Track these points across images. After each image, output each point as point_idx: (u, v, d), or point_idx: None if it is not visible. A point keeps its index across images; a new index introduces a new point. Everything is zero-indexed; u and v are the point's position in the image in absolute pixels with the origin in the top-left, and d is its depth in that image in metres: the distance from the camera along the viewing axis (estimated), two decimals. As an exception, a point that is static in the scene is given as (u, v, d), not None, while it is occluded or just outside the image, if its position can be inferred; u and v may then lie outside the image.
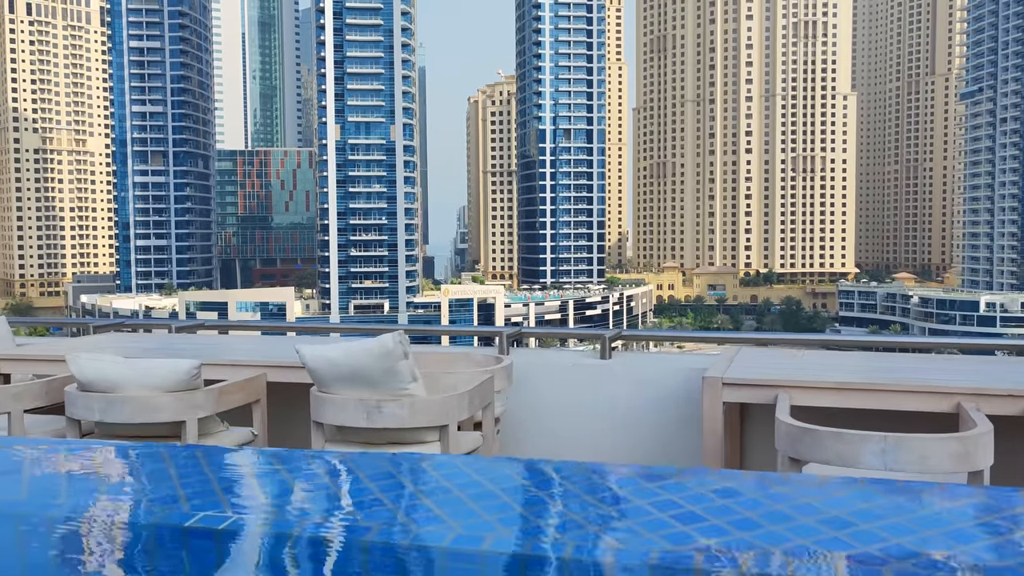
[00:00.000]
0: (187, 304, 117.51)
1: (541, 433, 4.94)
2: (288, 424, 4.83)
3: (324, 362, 3.69)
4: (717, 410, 3.71)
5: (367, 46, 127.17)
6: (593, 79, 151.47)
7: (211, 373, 4.37)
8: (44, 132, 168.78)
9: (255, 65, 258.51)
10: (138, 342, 5.61)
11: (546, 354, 5.45)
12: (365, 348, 3.63)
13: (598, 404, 4.85)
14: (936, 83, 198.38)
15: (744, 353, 4.56)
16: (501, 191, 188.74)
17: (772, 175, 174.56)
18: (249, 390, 4.29)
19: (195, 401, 3.90)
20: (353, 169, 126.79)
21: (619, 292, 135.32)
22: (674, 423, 4.68)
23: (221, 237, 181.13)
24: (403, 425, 3.64)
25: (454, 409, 3.72)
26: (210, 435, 4.14)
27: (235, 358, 4.67)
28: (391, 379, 3.64)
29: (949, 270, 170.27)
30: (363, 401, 3.61)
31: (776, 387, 3.70)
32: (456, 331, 7.42)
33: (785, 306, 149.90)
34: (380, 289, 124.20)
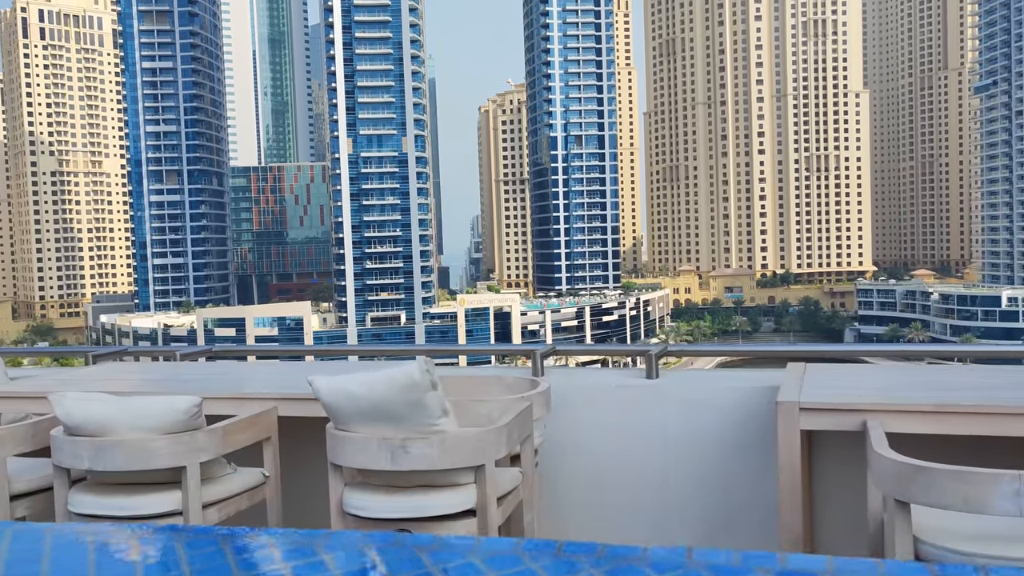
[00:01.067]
0: (205, 321, 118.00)
1: (583, 465, 4.44)
2: (304, 462, 4.34)
3: (341, 396, 3.26)
4: (794, 440, 3.24)
5: (377, 59, 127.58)
6: (603, 84, 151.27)
7: (216, 408, 3.98)
8: (60, 155, 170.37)
9: (266, 82, 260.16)
10: (140, 372, 5.21)
11: (585, 375, 4.87)
12: (388, 379, 3.18)
13: (647, 430, 4.34)
14: (949, 77, 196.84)
15: (813, 370, 4.01)
16: (514, 199, 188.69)
17: (786, 175, 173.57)
18: (259, 427, 3.87)
19: (196, 444, 3.47)
20: (366, 182, 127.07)
21: (635, 297, 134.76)
22: (735, 450, 4.19)
23: (237, 253, 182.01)
24: (433, 467, 3.19)
25: (491, 446, 3.27)
26: (215, 479, 3.70)
27: (243, 390, 4.24)
28: (418, 414, 3.19)
29: (969, 265, 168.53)
30: (387, 440, 3.17)
31: (863, 411, 3.21)
32: (486, 350, 6.89)
33: (803, 306, 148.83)
34: (396, 301, 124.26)
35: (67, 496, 3.53)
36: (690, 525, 4.23)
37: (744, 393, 4.15)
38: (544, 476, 4.30)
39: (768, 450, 3.85)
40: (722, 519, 4.19)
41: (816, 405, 3.26)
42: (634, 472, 4.33)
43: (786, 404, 3.25)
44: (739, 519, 4.15)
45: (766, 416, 3.95)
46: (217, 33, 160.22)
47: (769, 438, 3.84)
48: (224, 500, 3.63)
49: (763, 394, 4.04)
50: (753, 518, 4.08)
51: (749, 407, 4.11)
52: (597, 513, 4.37)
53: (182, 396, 3.50)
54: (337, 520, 3.31)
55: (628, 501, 4.31)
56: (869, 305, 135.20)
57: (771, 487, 3.85)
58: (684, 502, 4.24)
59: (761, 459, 4.01)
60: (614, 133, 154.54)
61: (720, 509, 4.19)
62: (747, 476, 4.13)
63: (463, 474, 3.27)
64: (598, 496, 4.35)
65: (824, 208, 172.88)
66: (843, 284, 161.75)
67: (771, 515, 3.83)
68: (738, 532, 4.14)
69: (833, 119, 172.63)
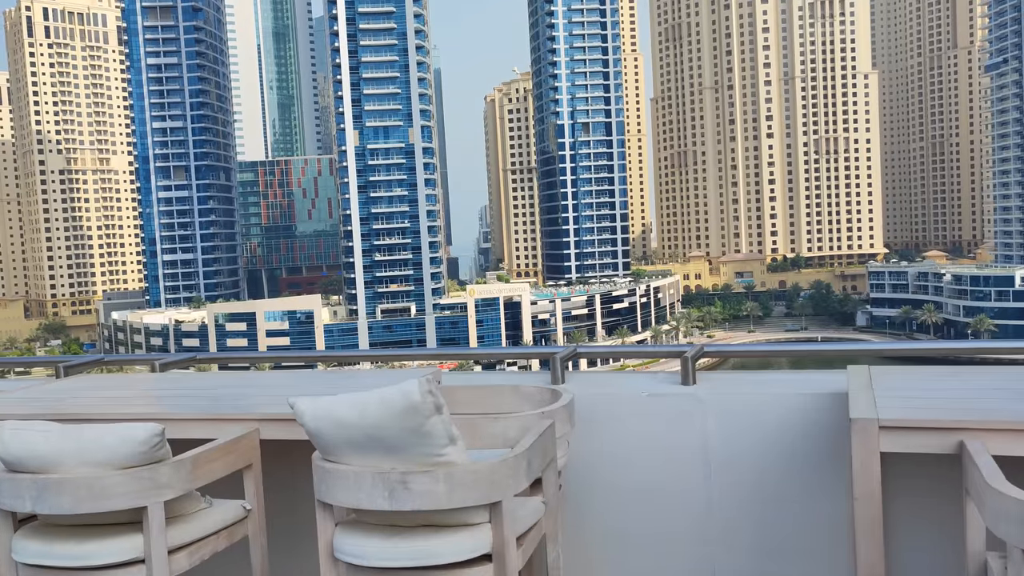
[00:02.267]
0: (216, 316, 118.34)
1: (612, 487, 3.87)
2: (293, 491, 3.80)
3: (329, 423, 2.75)
4: (873, 466, 2.70)
5: (381, 51, 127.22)
6: (609, 71, 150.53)
7: (191, 430, 3.50)
8: (68, 153, 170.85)
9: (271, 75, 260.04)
10: (110, 388, 4.53)
11: (611, 381, 4.22)
12: (383, 402, 2.67)
13: (685, 446, 3.75)
14: (959, 56, 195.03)
15: (880, 374, 3.37)
16: (522, 188, 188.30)
17: (795, 158, 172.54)
18: (237, 454, 3.32)
19: (158, 479, 2.93)
20: (373, 174, 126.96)
21: (645, 284, 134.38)
22: (789, 469, 3.63)
23: (246, 248, 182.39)
24: (439, 506, 2.67)
25: (509, 478, 2.72)
26: (186, 516, 3.15)
27: (218, 409, 3.67)
28: (420, 442, 2.68)
29: (981, 245, 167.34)
30: (383, 474, 2.67)
31: (961, 430, 2.66)
32: (500, 354, 5.16)
33: (815, 290, 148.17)
34: (406, 292, 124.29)
35: (10, 543, 3.06)
36: (736, 557, 3.73)
37: (798, 401, 3.59)
38: (567, 501, 3.80)
39: (828, 469, 3.48)
40: (773, 550, 3.68)
41: (900, 423, 2.72)
42: (670, 495, 3.80)
43: (862, 422, 2.71)
44: (793, 550, 3.65)
45: (825, 428, 3.50)
46: (221, 28, 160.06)
47: (829, 455, 3.48)
48: (197, 541, 3.14)
49: (821, 402, 3.52)
50: (810, 549, 3.60)
51: (805, 418, 3.57)
52: (629, 543, 3.87)
53: (141, 423, 2.97)
54: (327, 568, 2.85)
55: (664, 529, 3.81)
56: (881, 288, 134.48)
57: (831, 513, 3.48)
58: (729, 530, 3.73)
59: (820, 480, 3.53)
60: (621, 120, 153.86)
61: (771, 538, 3.67)
62: (803, 500, 3.59)
63: (476, 512, 2.77)
64: (629, 523, 3.86)
65: (834, 191, 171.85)
66: (854, 267, 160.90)
67: (831, 546, 3.47)
68: (792, 565, 3.65)
69: (842, 101, 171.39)
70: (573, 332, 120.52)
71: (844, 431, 3.24)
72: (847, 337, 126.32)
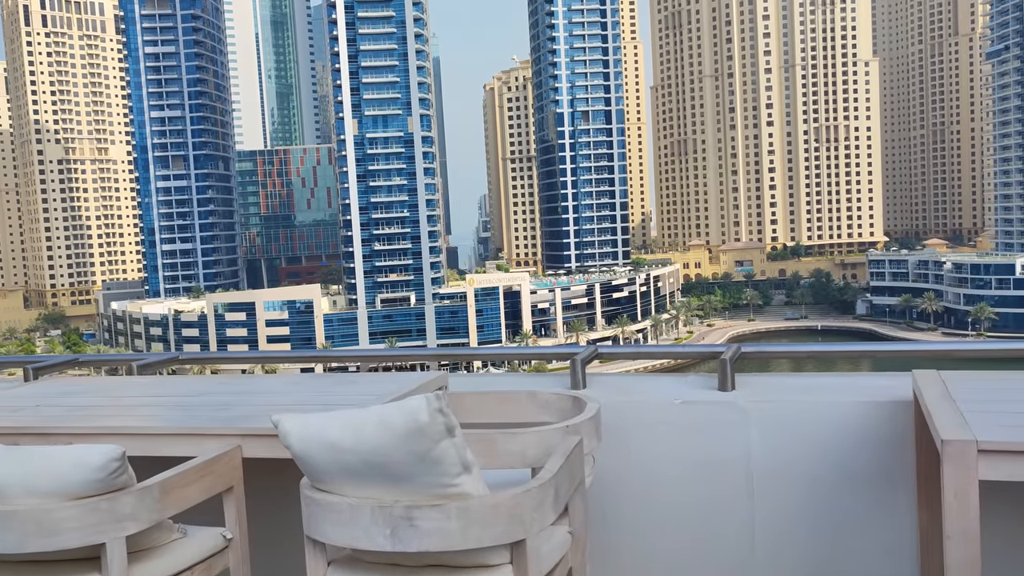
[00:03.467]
0: (215, 306, 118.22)
1: (643, 506, 3.43)
2: (280, 518, 3.32)
3: (319, 446, 2.35)
4: (971, 498, 2.21)
5: (380, 39, 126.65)
6: (609, 59, 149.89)
7: (165, 447, 3.07)
8: (66, 142, 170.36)
9: (270, 64, 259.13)
10: (78, 394, 3.97)
11: (638, 386, 3.77)
12: (383, 423, 2.28)
13: (724, 461, 3.33)
14: (960, 44, 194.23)
15: (955, 380, 2.91)
16: (521, 177, 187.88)
17: (795, 147, 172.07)
18: (216, 475, 2.87)
19: (119, 510, 2.50)
20: (373, 163, 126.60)
21: (645, 273, 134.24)
22: (842, 486, 3.20)
23: (245, 238, 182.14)
24: (452, 547, 2.26)
25: (534, 511, 2.31)
26: (155, 549, 2.71)
27: (192, 423, 3.22)
28: (429, 471, 2.27)
29: (982, 234, 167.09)
30: (385, 509, 2.25)
31: None
32: (512, 355, 4.28)
33: (815, 279, 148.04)
34: (406, 282, 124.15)
35: None
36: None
37: (855, 410, 3.18)
38: (592, 522, 3.33)
39: (890, 490, 3.13)
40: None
41: (1006, 445, 2.24)
42: (708, 515, 3.38)
43: (958, 444, 2.24)
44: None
45: (887, 442, 3.14)
46: (219, 16, 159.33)
47: (892, 473, 3.13)
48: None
49: (881, 411, 3.15)
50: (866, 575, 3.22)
51: (863, 430, 3.17)
52: (661, 570, 3.47)
53: (97, 445, 2.53)
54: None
55: (701, 552, 3.42)
56: (881, 276, 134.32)
57: (894, 540, 3.15)
58: (774, 556, 3.32)
59: (881, 502, 3.16)
60: (621, 108, 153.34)
61: (822, 567, 3.29)
62: (860, 525, 3.20)
63: (495, 553, 2.36)
64: (662, 548, 3.46)
65: (834, 179, 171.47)
66: (854, 255, 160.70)
67: (890, 572, 3.16)
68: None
69: (842, 89, 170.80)
70: (573, 321, 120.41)
71: (909, 446, 3.02)
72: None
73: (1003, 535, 2.90)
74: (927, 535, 2.97)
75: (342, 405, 3.10)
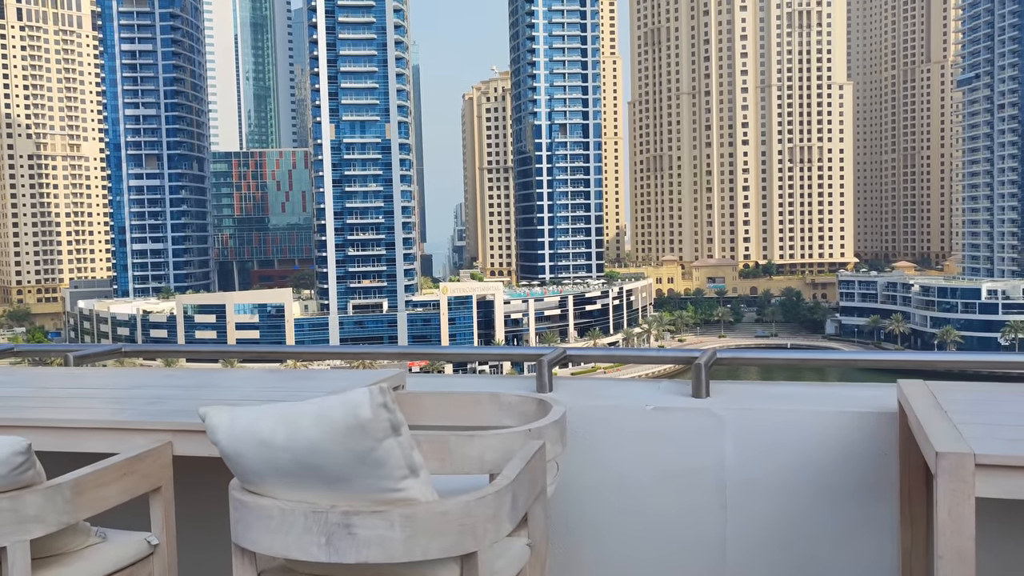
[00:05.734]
0: (185, 307, 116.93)
1: (608, 518, 3.27)
2: (213, 523, 2.96)
3: (250, 443, 2.08)
4: (966, 515, 2.04)
5: (360, 44, 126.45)
6: (588, 73, 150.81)
7: (88, 442, 2.80)
8: (38, 138, 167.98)
9: (248, 66, 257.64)
10: (7, 385, 3.74)
11: (608, 390, 3.59)
12: (322, 418, 2.01)
13: (697, 471, 3.18)
14: (932, 70, 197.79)
15: (944, 391, 2.76)
16: (498, 187, 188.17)
17: (769, 166, 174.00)
18: (140, 474, 2.60)
19: (23, 511, 2.23)
20: (349, 168, 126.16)
21: (618, 287, 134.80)
22: (819, 500, 3.06)
23: (218, 239, 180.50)
24: (393, 558, 1.99)
25: (487, 521, 2.06)
26: (68, 555, 2.44)
27: (123, 416, 2.93)
28: (370, 473, 2.00)
29: (949, 258, 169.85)
30: (320, 514, 1.98)
31: None
32: (480, 354, 4.00)
33: (785, 297, 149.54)
34: (378, 288, 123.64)
35: None
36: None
37: (835, 420, 3.04)
38: (554, 533, 3.17)
39: (872, 505, 3.01)
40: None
41: (1005, 460, 2.07)
42: (677, 527, 3.22)
43: (954, 458, 2.06)
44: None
45: (869, 455, 3.01)
46: (198, 16, 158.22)
47: (874, 488, 3.00)
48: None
49: (865, 423, 3.02)
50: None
51: (844, 441, 3.03)
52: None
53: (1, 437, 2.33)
54: None
55: (669, 566, 3.25)
56: (851, 296, 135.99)
57: (874, 558, 3.03)
58: (746, 568, 3.18)
59: (863, 517, 3.03)
60: (599, 122, 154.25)
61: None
62: (839, 541, 3.06)
63: (442, 566, 2.10)
64: (629, 560, 3.28)
65: (807, 199, 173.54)
66: (825, 275, 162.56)
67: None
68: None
69: (817, 111, 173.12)
70: (545, 333, 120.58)
71: (892, 459, 2.90)
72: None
73: (997, 555, 2.71)
74: (909, 555, 2.81)
75: (290, 399, 2.83)
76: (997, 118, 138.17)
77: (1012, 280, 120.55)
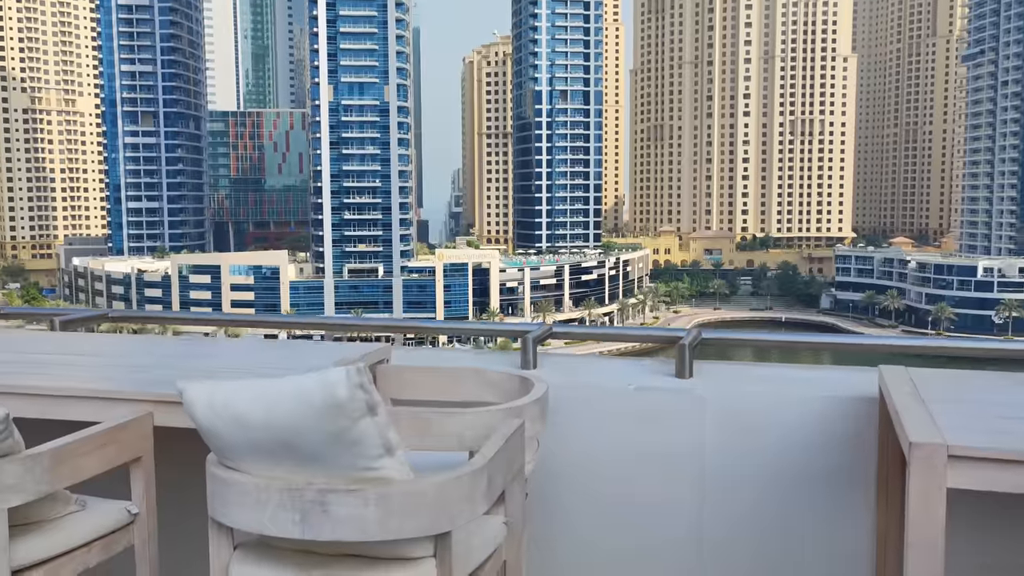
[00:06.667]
0: (180, 267, 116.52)
1: (587, 497, 3.27)
2: (193, 492, 2.85)
3: (227, 420, 2.08)
4: (937, 506, 2.06)
5: (360, 5, 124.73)
6: (590, 40, 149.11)
7: (72, 410, 2.79)
8: (33, 92, 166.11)
9: (247, 25, 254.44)
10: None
11: (591, 369, 3.61)
12: (299, 397, 2.00)
13: (675, 451, 3.17)
14: (937, 45, 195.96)
15: (924, 379, 2.70)
16: (496, 154, 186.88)
17: (770, 138, 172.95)
18: (121, 444, 2.58)
19: (1, 479, 2.24)
20: (346, 131, 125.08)
21: (615, 257, 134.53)
22: (797, 484, 3.07)
23: (214, 199, 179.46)
24: (368, 536, 2.00)
25: (463, 501, 2.07)
26: (46, 524, 2.43)
27: (106, 385, 2.89)
28: (346, 452, 2.01)
29: (947, 235, 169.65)
30: (295, 492, 2.00)
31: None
32: (466, 329, 4.08)
33: (782, 271, 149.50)
34: (374, 253, 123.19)
35: None
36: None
37: (815, 406, 3.04)
38: (533, 512, 3.14)
39: (849, 491, 3.01)
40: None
41: (977, 452, 2.06)
42: (655, 509, 3.23)
43: (927, 448, 2.06)
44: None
45: (848, 440, 3.01)
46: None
47: (851, 473, 3.00)
48: (60, 556, 2.42)
49: (845, 408, 3.01)
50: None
51: (824, 426, 3.02)
52: (603, 566, 3.32)
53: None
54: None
55: (646, 548, 3.26)
56: (847, 271, 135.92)
57: (851, 544, 3.04)
58: (723, 550, 3.20)
59: (839, 503, 3.04)
60: (600, 90, 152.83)
61: (772, 563, 3.17)
62: (816, 526, 3.07)
63: (417, 545, 2.10)
64: (606, 540, 3.30)
65: (807, 173, 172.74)
66: (822, 250, 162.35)
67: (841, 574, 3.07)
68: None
69: (820, 83, 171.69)
70: (541, 302, 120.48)
71: (871, 445, 2.93)
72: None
73: (967, 545, 2.71)
74: (885, 540, 2.84)
75: (272, 374, 2.86)
76: (1000, 95, 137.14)
77: (1009, 259, 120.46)
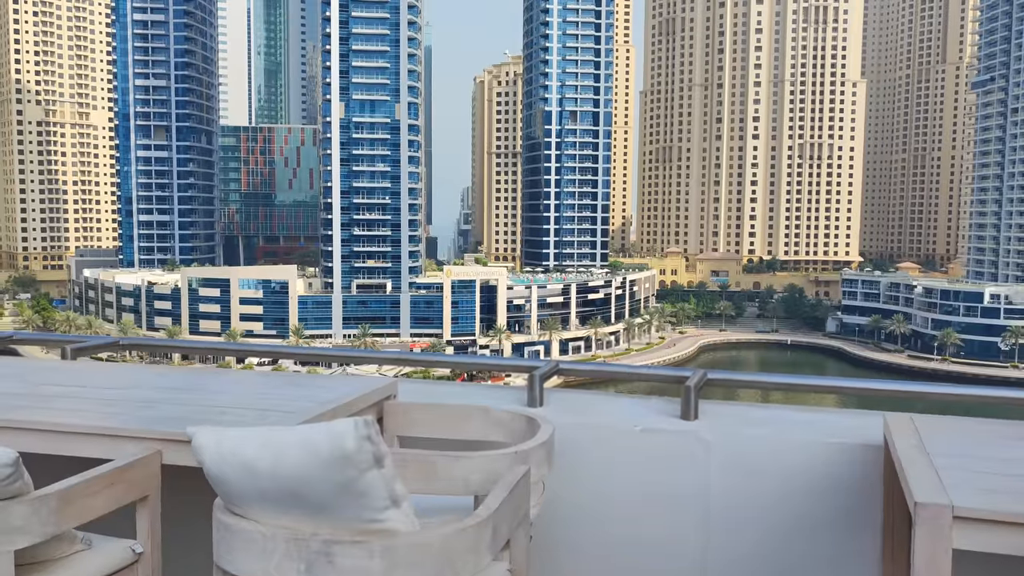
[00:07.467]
0: (189, 280, 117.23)
1: (589, 539, 3.26)
2: (200, 532, 2.83)
3: (235, 467, 2.12)
4: (943, 569, 2.02)
5: (373, 23, 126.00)
6: (601, 61, 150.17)
7: (79, 445, 2.78)
8: (47, 104, 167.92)
9: (260, 40, 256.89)
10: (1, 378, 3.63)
11: (597, 407, 3.59)
12: (305, 447, 2.05)
13: (681, 495, 3.15)
14: (947, 71, 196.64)
15: (929, 427, 2.68)
16: (506, 172, 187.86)
17: (779, 161, 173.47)
18: (129, 483, 2.59)
19: (8, 521, 2.23)
20: (357, 147, 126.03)
21: (622, 276, 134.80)
22: (802, 529, 3.03)
23: (224, 213, 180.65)
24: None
25: (468, 552, 2.08)
26: (52, 563, 2.45)
27: (114, 422, 2.87)
28: (352, 503, 2.05)
29: (954, 260, 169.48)
30: (301, 541, 2.03)
31: None
32: (473, 364, 4.18)
33: (788, 293, 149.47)
34: (383, 269, 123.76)
35: None
36: None
37: (821, 451, 3.00)
38: (538, 554, 3.13)
39: (853, 538, 2.98)
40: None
41: (985, 514, 1.99)
42: (660, 551, 3.19)
43: (931, 509, 2.01)
44: None
45: (853, 487, 2.98)
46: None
47: (855, 520, 2.97)
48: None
49: (852, 455, 2.97)
50: None
51: (829, 472, 2.99)
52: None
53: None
54: None
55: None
56: (853, 295, 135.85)
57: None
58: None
59: (845, 551, 3.00)
60: (609, 111, 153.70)
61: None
62: (817, 568, 3.04)
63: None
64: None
65: (814, 196, 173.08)
66: (828, 273, 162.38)
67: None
68: None
69: (829, 107, 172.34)
70: (547, 320, 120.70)
71: (876, 492, 2.88)
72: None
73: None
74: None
75: (279, 410, 2.94)
76: (1010, 122, 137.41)
77: (1016, 285, 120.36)
